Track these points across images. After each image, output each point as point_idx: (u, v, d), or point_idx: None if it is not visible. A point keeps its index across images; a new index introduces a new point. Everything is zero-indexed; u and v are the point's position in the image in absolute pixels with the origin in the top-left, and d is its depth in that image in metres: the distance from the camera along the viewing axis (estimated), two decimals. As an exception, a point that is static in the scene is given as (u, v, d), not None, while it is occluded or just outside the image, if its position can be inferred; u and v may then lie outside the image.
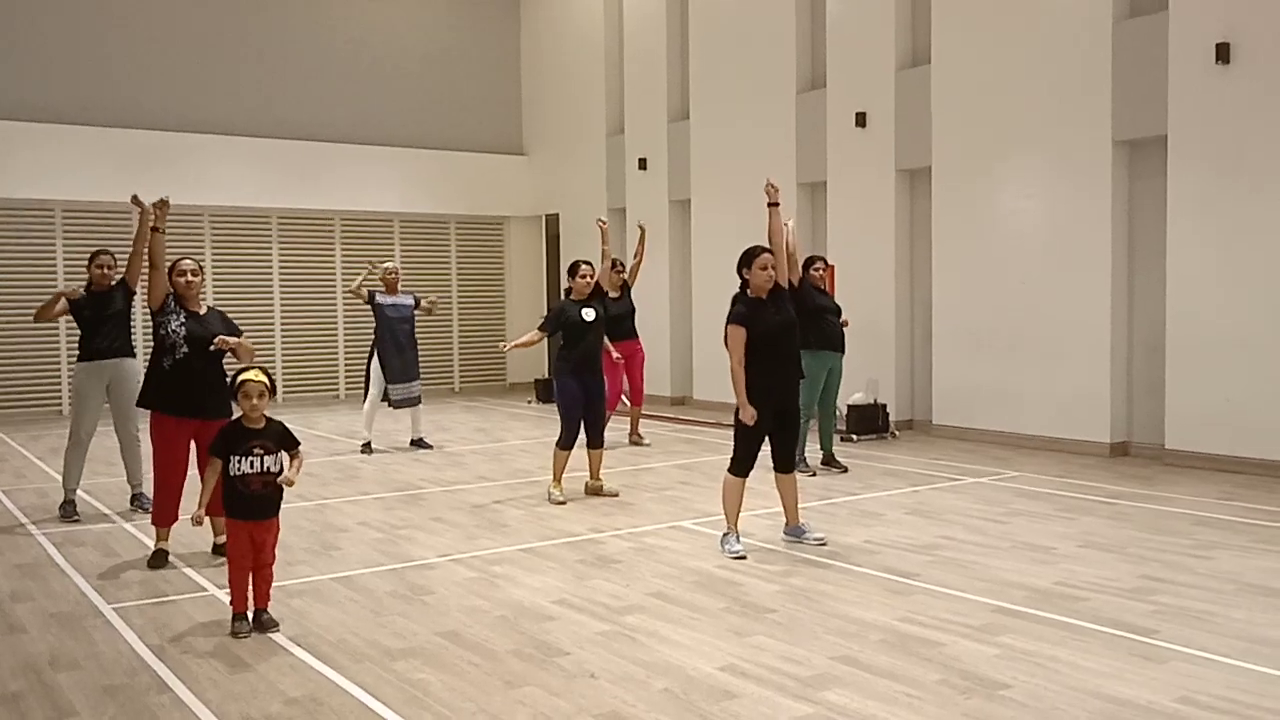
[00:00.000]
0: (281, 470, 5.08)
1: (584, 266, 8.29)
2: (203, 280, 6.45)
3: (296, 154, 15.94)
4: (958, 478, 8.88)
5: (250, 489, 4.98)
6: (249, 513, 4.99)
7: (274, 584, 5.19)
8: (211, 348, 6.22)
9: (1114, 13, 9.80)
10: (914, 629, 4.86)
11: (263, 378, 5.08)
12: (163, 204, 6.41)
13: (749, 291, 6.34)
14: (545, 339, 8.43)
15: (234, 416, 5.27)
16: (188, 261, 6.41)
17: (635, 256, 11.31)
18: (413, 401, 10.92)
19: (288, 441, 5.17)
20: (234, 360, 6.10)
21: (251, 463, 4.98)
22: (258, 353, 15.31)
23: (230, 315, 6.64)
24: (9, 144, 13.92)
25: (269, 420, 5.12)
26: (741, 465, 6.37)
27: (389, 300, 10.84)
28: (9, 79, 14.16)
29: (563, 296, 8.56)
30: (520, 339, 8.37)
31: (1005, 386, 10.75)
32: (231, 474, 4.98)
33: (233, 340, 6.21)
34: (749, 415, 6.20)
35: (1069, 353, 10.21)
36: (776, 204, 6.50)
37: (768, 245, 6.40)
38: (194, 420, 6.20)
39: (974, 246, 11.05)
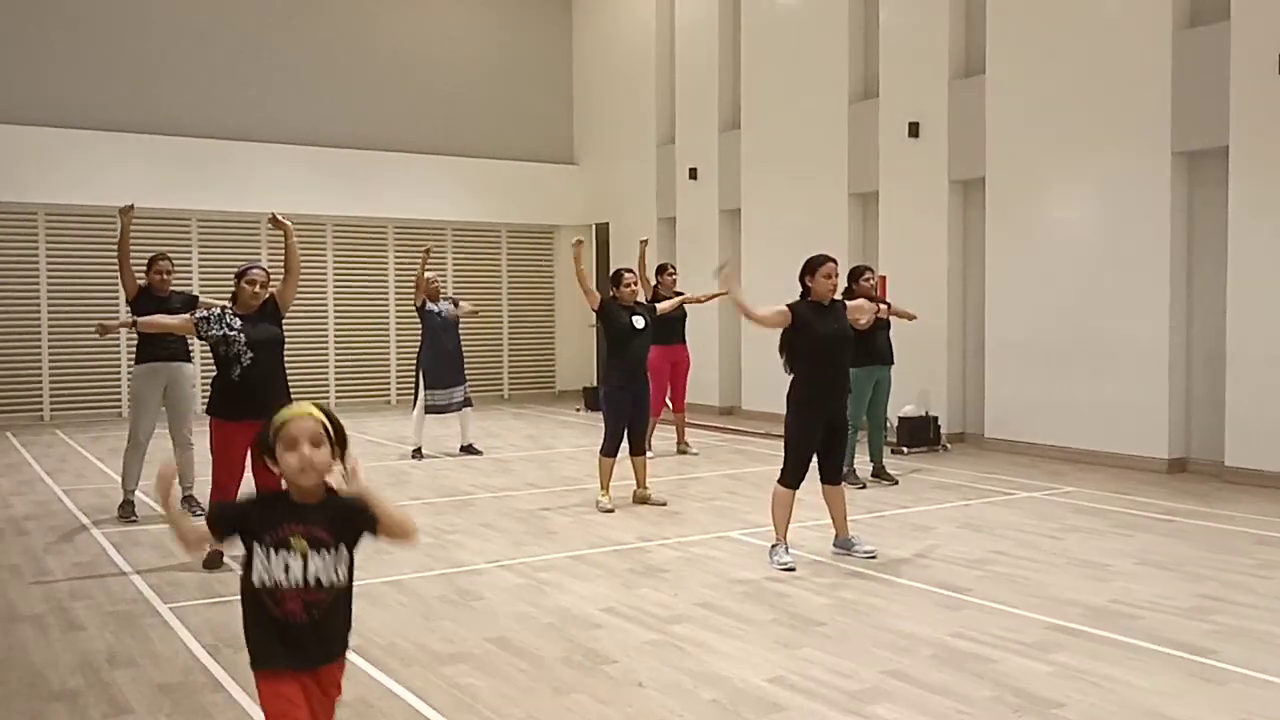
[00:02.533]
0: (346, 577, 2.78)
1: (628, 275, 8.32)
2: (268, 291, 6.49)
3: (351, 162, 16.13)
4: (1010, 492, 8.76)
5: (284, 610, 2.70)
6: (291, 655, 2.72)
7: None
8: (270, 218, 6.72)
9: (1174, 22, 9.63)
10: (965, 644, 4.80)
11: (319, 415, 2.79)
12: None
13: (809, 299, 6.39)
14: (594, 302, 8.27)
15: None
16: (258, 271, 6.45)
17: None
18: (455, 407, 10.95)
19: (356, 523, 2.78)
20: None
21: (287, 565, 2.69)
22: (311, 362, 15.64)
23: (284, 320, 6.68)
24: (65, 151, 14.19)
25: (331, 493, 2.80)
26: (793, 476, 6.34)
27: (435, 306, 10.95)
28: (65, 87, 14.45)
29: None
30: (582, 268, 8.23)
31: (1060, 399, 10.59)
32: (255, 585, 2.71)
33: (282, 222, 6.56)
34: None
35: (1126, 366, 10.04)
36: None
37: (830, 255, 6.42)
38: (259, 421, 6.17)
39: (1028, 258, 10.90)
